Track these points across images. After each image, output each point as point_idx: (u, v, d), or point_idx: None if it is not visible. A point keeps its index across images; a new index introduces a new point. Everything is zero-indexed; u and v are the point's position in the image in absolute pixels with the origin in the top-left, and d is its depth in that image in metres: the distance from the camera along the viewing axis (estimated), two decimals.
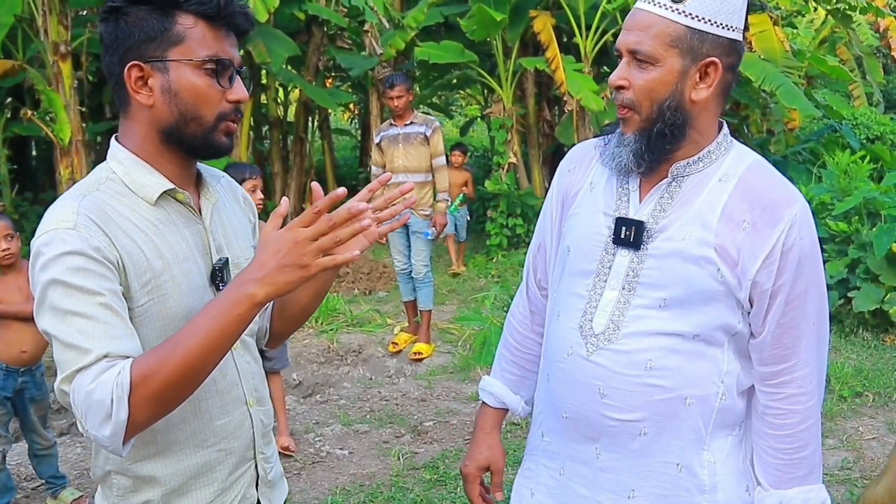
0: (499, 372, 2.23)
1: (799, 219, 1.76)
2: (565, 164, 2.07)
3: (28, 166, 11.73)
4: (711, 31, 1.75)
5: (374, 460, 4.83)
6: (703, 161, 1.83)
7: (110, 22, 1.60)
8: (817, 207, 7.99)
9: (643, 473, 1.89)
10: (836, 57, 12.63)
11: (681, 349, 1.81)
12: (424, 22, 10.46)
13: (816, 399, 1.85)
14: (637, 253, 1.83)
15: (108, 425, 1.43)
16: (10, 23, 8.80)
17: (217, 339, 1.47)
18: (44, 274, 1.50)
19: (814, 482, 1.88)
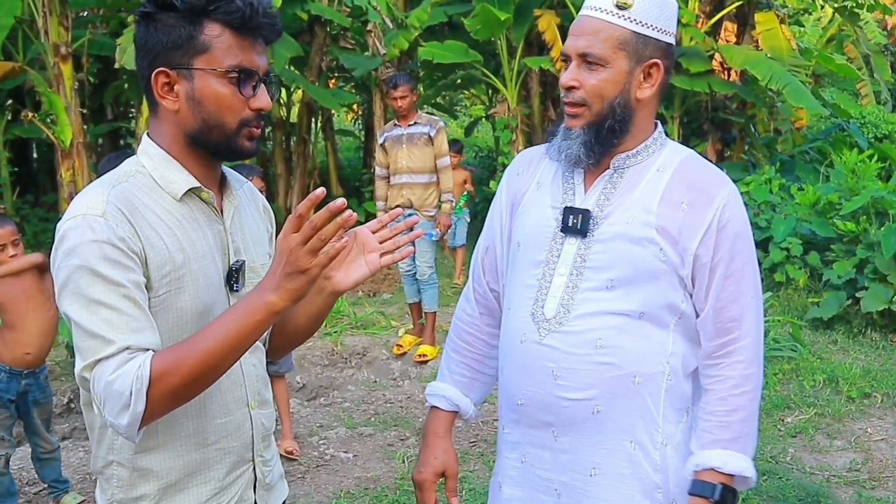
0: (448, 375, 2.28)
1: (731, 199, 1.95)
2: (513, 168, 2.22)
3: (29, 169, 11.71)
4: (653, 36, 1.93)
5: (379, 463, 4.79)
6: (641, 154, 2.00)
7: (142, 26, 1.67)
8: (825, 207, 7.94)
9: (601, 452, 1.99)
10: (844, 55, 12.56)
11: (628, 328, 1.94)
12: (428, 21, 10.42)
13: (755, 370, 1.97)
14: (584, 240, 1.98)
15: (125, 415, 1.50)
16: (11, 24, 8.79)
17: (235, 342, 1.56)
18: (71, 258, 1.55)
19: (737, 450, 1.94)
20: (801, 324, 6.83)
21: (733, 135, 11.40)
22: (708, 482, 1.94)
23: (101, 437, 1.70)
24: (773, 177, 8.96)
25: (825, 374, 5.88)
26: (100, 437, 1.71)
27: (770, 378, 5.83)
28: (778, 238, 7.83)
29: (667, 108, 10.57)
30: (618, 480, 2.00)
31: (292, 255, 1.52)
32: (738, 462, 1.93)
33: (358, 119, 18.21)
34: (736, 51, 9.97)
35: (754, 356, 1.97)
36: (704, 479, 1.94)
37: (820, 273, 7.53)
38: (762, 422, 5.20)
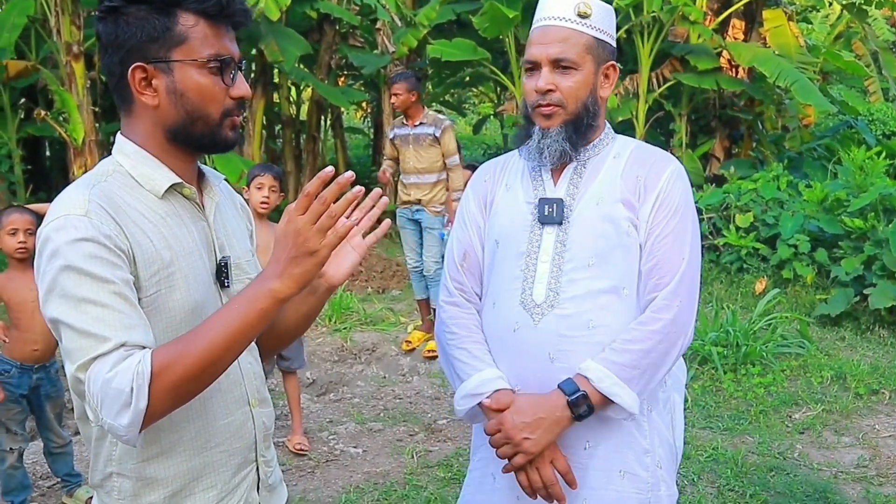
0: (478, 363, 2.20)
1: (677, 172, 2.17)
2: (479, 176, 2.38)
3: (42, 166, 11.77)
4: (607, 40, 2.18)
5: (388, 458, 4.83)
6: (597, 147, 2.22)
7: (109, 22, 1.59)
8: (833, 204, 7.94)
9: (594, 425, 2.11)
10: (852, 52, 12.53)
11: (614, 307, 2.11)
12: (437, 20, 10.44)
13: (669, 317, 2.07)
14: (560, 227, 2.16)
15: (126, 414, 1.43)
16: (24, 24, 8.86)
17: (239, 333, 1.50)
18: (55, 260, 1.48)
19: (620, 376, 2.04)
20: (808, 320, 6.84)
21: (741, 132, 11.40)
22: (575, 383, 2.05)
23: (98, 450, 1.65)
24: (781, 174, 8.96)
25: (833, 370, 5.89)
26: (97, 450, 1.65)
27: (778, 375, 5.85)
28: (786, 235, 7.84)
29: (674, 105, 10.58)
30: (611, 451, 2.14)
31: (300, 237, 1.48)
32: (614, 386, 2.03)
33: (367, 117, 18.24)
34: (744, 48, 9.97)
35: (672, 306, 2.08)
36: (575, 381, 2.05)
37: (828, 270, 7.53)
38: (769, 418, 5.22)
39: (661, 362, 2.09)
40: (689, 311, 2.12)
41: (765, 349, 6.09)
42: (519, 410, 2.07)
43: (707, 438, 4.96)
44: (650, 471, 2.17)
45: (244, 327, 1.50)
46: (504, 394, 2.12)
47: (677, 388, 2.38)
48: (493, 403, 2.11)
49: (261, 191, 4.63)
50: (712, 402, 5.51)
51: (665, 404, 2.27)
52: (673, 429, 2.29)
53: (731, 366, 5.94)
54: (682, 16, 9.55)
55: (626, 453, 2.15)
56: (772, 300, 6.90)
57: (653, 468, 2.17)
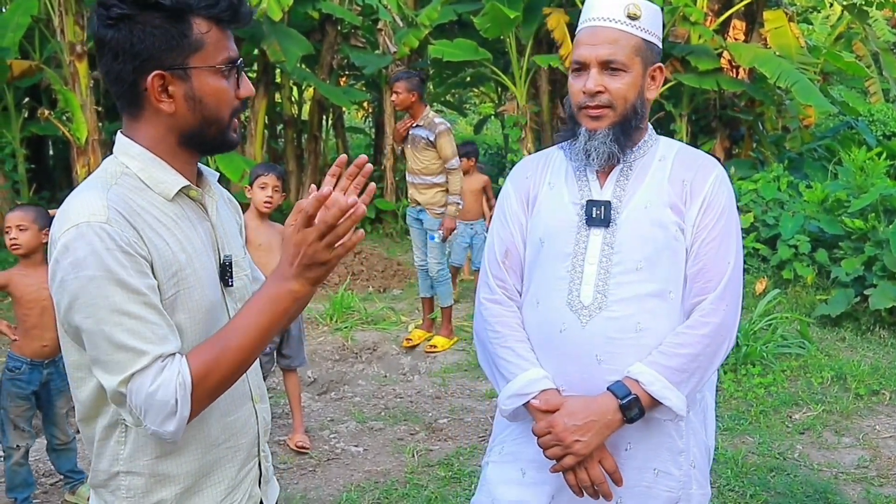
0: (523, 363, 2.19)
1: (721, 177, 2.18)
2: (520, 171, 2.36)
3: (45, 166, 11.79)
4: (655, 42, 2.16)
5: (389, 457, 4.84)
6: (643, 149, 2.22)
7: (121, 29, 1.57)
8: (833, 204, 7.95)
9: (638, 426, 2.11)
10: (852, 53, 12.53)
11: (661, 311, 2.11)
12: (438, 20, 10.46)
13: (717, 321, 2.09)
14: (608, 229, 2.15)
15: (171, 422, 1.50)
16: (27, 23, 8.88)
17: (266, 333, 1.57)
18: (80, 270, 1.48)
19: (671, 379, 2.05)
20: (809, 321, 6.86)
21: (741, 132, 11.41)
22: (626, 386, 2.06)
23: (102, 450, 1.66)
24: (782, 174, 8.98)
25: (833, 371, 5.90)
26: (100, 450, 1.66)
27: (778, 375, 5.86)
28: (786, 235, 7.85)
29: (675, 105, 10.59)
30: (650, 452, 2.17)
31: (310, 250, 1.53)
32: (664, 389, 2.05)
33: (368, 117, 18.24)
34: (744, 49, 9.99)
35: (719, 310, 2.10)
36: (625, 384, 2.07)
37: (828, 270, 7.54)
38: (770, 418, 5.24)
39: (708, 365, 2.11)
40: (734, 315, 2.14)
41: (765, 349, 6.10)
42: (570, 413, 2.07)
43: None
44: (683, 469, 2.19)
45: (270, 326, 1.57)
46: (552, 394, 2.13)
47: (710, 388, 2.39)
48: (542, 405, 2.11)
49: (264, 190, 4.66)
50: None
51: (700, 404, 2.28)
52: (706, 428, 2.31)
53: (731, 366, 5.96)
54: (683, 16, 9.57)
55: (661, 453, 2.18)
56: (772, 300, 6.91)
57: (686, 467, 2.20)
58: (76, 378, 1.64)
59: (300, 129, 11.94)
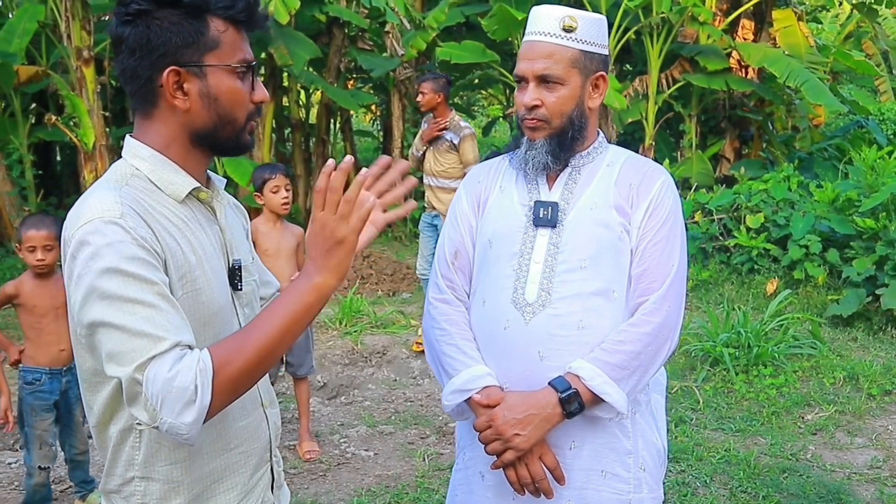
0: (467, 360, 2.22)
1: (668, 183, 2.24)
2: (472, 177, 2.42)
3: (52, 171, 11.81)
4: (596, 51, 2.20)
5: (399, 461, 4.83)
6: (592, 154, 2.28)
7: (139, 26, 1.59)
8: (843, 204, 7.91)
9: (580, 425, 2.14)
10: (862, 52, 12.50)
11: (604, 310, 2.15)
12: (445, 22, 10.45)
13: (659, 321, 2.13)
14: (554, 230, 2.20)
15: (190, 411, 1.44)
16: (34, 29, 8.90)
17: (290, 328, 1.54)
18: (94, 262, 1.48)
19: (611, 375, 2.08)
20: (820, 321, 6.82)
21: (751, 132, 11.37)
22: (567, 381, 2.08)
23: (116, 455, 1.65)
24: (792, 174, 8.93)
25: (845, 371, 5.86)
26: (115, 455, 1.65)
27: (790, 376, 5.83)
28: (797, 235, 7.82)
29: (684, 106, 10.57)
30: (595, 451, 2.18)
31: (326, 229, 1.53)
32: (605, 385, 2.07)
33: (376, 120, 18.27)
34: (753, 48, 9.95)
35: (662, 309, 2.14)
36: (566, 378, 2.09)
37: (839, 270, 7.50)
38: (782, 419, 5.20)
39: (649, 364, 2.14)
40: (676, 316, 2.18)
41: (776, 350, 6.07)
42: (510, 406, 2.10)
43: (719, 440, 4.95)
44: (632, 472, 2.20)
45: (294, 322, 1.54)
46: (493, 390, 2.16)
47: (658, 390, 2.43)
48: (483, 399, 2.14)
49: (278, 193, 4.65)
50: (724, 404, 5.49)
51: (647, 406, 2.30)
52: (657, 430, 2.33)
53: (742, 367, 5.92)
54: (692, 16, 9.53)
55: (608, 454, 2.19)
56: (783, 301, 6.87)
57: (635, 470, 2.21)
58: (91, 383, 1.63)
59: (308, 132, 11.96)
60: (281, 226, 4.73)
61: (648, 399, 2.32)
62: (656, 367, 2.17)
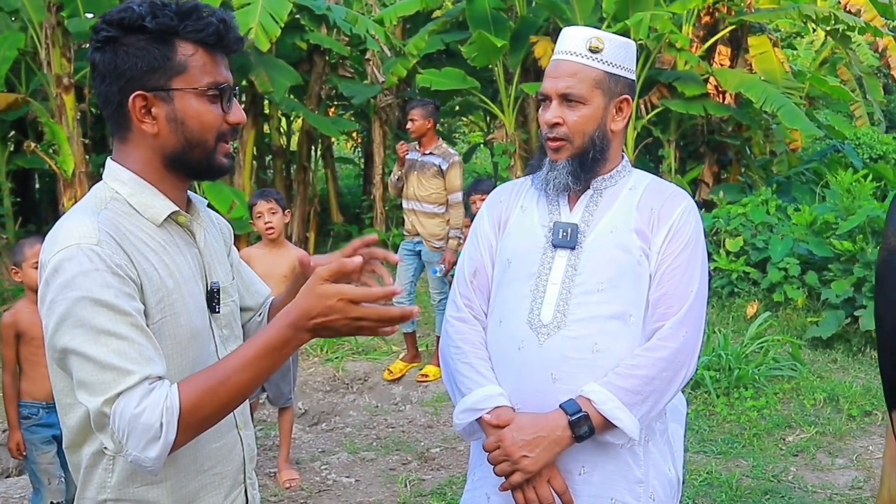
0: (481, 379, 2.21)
1: (690, 208, 2.22)
2: (495, 197, 2.42)
3: (31, 199, 11.74)
4: (622, 74, 2.20)
5: (381, 488, 4.80)
6: (614, 177, 2.27)
7: (107, 51, 1.61)
8: (821, 227, 7.97)
9: (591, 450, 2.11)
10: (837, 77, 12.66)
11: (621, 334, 2.12)
12: (426, 49, 10.51)
13: (675, 346, 2.10)
14: (573, 251, 2.19)
15: (154, 447, 1.46)
16: (14, 56, 8.86)
17: (265, 373, 1.57)
18: (69, 291, 1.49)
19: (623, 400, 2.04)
20: (800, 343, 6.85)
21: (729, 157, 11.47)
22: (577, 404, 2.06)
23: (88, 478, 1.65)
24: (770, 198, 9.01)
25: (825, 392, 5.89)
26: (87, 477, 1.65)
27: (770, 398, 5.85)
28: (776, 258, 7.87)
29: (663, 131, 10.65)
30: (605, 478, 2.14)
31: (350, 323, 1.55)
32: (616, 409, 2.04)
33: (357, 147, 18.30)
34: (730, 74, 10.06)
35: (678, 335, 2.11)
36: (577, 402, 2.06)
37: (818, 292, 7.55)
38: (763, 441, 5.21)
39: (664, 390, 2.10)
40: (694, 343, 2.14)
41: (757, 372, 6.09)
42: (519, 427, 2.07)
43: (701, 462, 4.95)
44: (641, 501, 2.16)
45: (270, 368, 1.56)
46: (504, 410, 2.13)
47: (677, 419, 2.40)
48: (493, 419, 2.12)
49: (260, 219, 4.71)
50: (706, 426, 5.50)
51: (662, 435, 2.27)
52: (672, 461, 2.29)
53: (723, 389, 5.94)
54: (669, 43, 9.64)
55: (618, 482, 2.15)
56: (763, 323, 6.91)
57: (645, 499, 2.17)
58: (64, 405, 1.63)
59: (289, 159, 11.95)
60: (276, 249, 4.75)
61: (665, 428, 2.29)
62: (671, 394, 2.14)
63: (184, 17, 1.61)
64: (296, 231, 10.76)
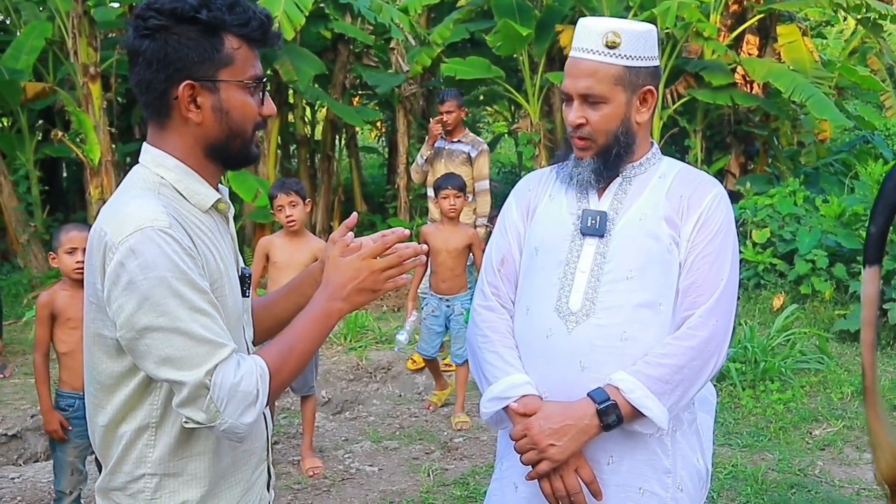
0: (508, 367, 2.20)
1: (720, 195, 2.20)
2: (524, 184, 2.41)
3: (59, 187, 11.83)
4: (642, 65, 2.15)
5: (404, 477, 4.80)
6: (644, 165, 2.24)
7: (157, 40, 1.65)
8: (850, 219, 7.88)
9: (619, 439, 2.10)
10: (867, 67, 12.46)
11: (650, 322, 2.10)
12: (450, 38, 10.47)
13: (705, 335, 2.08)
14: (601, 239, 2.17)
15: (251, 412, 1.59)
16: (42, 46, 8.95)
17: (319, 343, 1.76)
18: (151, 271, 1.54)
19: (652, 389, 2.03)
20: (827, 336, 6.79)
21: (756, 147, 11.36)
22: (606, 392, 2.04)
23: (126, 453, 1.69)
24: (798, 189, 8.92)
25: (853, 386, 5.83)
26: (125, 454, 1.69)
27: (797, 391, 5.80)
28: (803, 250, 7.79)
29: (689, 121, 10.56)
30: (634, 467, 2.13)
31: (373, 276, 1.75)
32: (645, 398, 2.02)
33: (381, 136, 18.29)
34: (758, 63, 9.95)
35: (709, 324, 2.09)
36: (605, 390, 2.05)
37: (846, 285, 7.47)
38: (789, 434, 5.17)
39: (693, 379, 2.08)
40: (724, 331, 2.12)
41: (784, 365, 6.04)
42: (546, 416, 2.06)
43: (727, 455, 4.91)
44: (670, 492, 2.15)
45: (322, 337, 1.75)
46: (532, 399, 2.12)
47: (706, 409, 2.37)
48: (520, 408, 2.11)
49: (281, 212, 4.71)
50: (731, 419, 5.46)
51: (691, 425, 2.24)
52: (701, 452, 2.27)
53: (749, 382, 5.89)
54: (696, 32, 9.53)
55: (646, 471, 2.14)
56: (790, 316, 6.84)
57: (673, 489, 2.15)
58: (106, 385, 1.68)
59: (313, 148, 11.95)
60: (297, 239, 4.77)
61: (694, 418, 2.27)
62: (701, 384, 2.11)
63: (231, 11, 1.67)
64: (320, 220, 10.78)
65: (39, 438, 5.47)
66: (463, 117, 6.51)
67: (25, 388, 6.09)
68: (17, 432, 5.49)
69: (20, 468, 5.01)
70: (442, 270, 5.46)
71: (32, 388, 6.02)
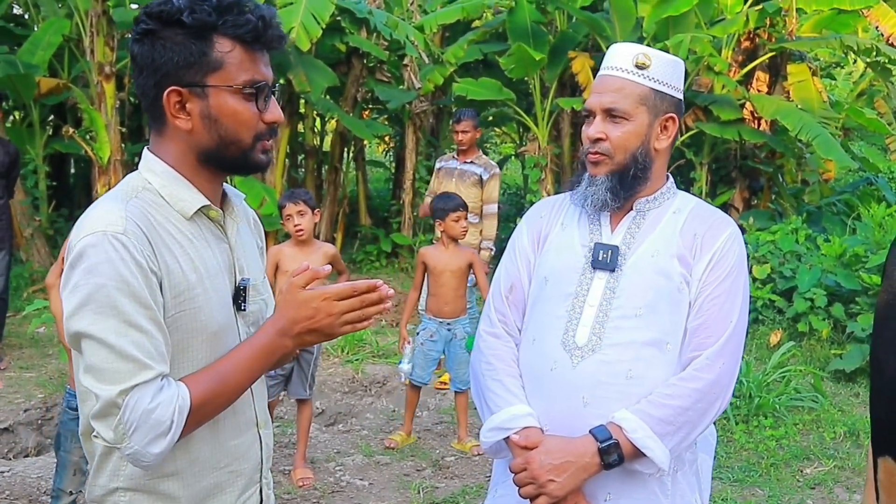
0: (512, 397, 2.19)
1: (735, 235, 2.18)
2: (535, 211, 2.39)
3: (66, 183, 11.88)
4: (668, 92, 2.16)
5: (394, 493, 4.80)
6: (658, 199, 2.22)
7: (145, 44, 1.61)
8: (850, 259, 7.91)
9: (618, 478, 2.07)
10: (874, 110, 12.53)
11: (656, 361, 2.08)
12: (464, 58, 10.53)
13: (712, 378, 2.06)
14: (612, 274, 2.14)
15: (160, 443, 1.50)
16: (58, 42, 9.00)
17: (254, 377, 1.67)
18: (94, 276, 1.50)
19: (656, 430, 2.01)
20: (823, 375, 6.80)
21: (761, 183, 11.40)
22: (608, 430, 2.03)
23: (101, 465, 1.65)
24: (800, 227, 8.95)
25: (846, 426, 5.83)
26: (100, 465, 1.65)
27: (790, 428, 5.80)
28: (802, 288, 7.81)
29: (696, 154, 10.60)
30: None
31: (331, 319, 1.62)
32: (647, 439, 2.00)
33: (389, 151, 18.34)
34: (767, 100, 10.00)
35: (715, 366, 2.07)
36: (608, 428, 2.03)
37: (844, 325, 7.49)
38: (780, 471, 5.17)
39: (697, 421, 2.06)
40: (730, 374, 2.11)
41: (778, 402, 6.05)
42: (547, 451, 2.05)
43: (717, 489, 4.92)
44: None
45: (259, 372, 1.67)
46: (533, 432, 2.11)
47: (706, 450, 2.36)
48: (521, 440, 2.09)
49: (290, 221, 4.74)
50: (723, 453, 5.46)
51: (692, 466, 2.23)
52: (700, 492, 2.26)
53: (743, 417, 5.90)
54: (707, 66, 9.60)
55: None
56: (786, 353, 6.86)
57: None
58: (82, 393, 1.63)
59: (321, 159, 12.00)
60: (306, 248, 4.80)
61: (694, 458, 2.25)
62: (704, 426, 2.10)
63: (223, 12, 1.59)
64: (324, 231, 10.80)
65: (31, 433, 5.49)
66: (478, 138, 6.51)
67: (20, 382, 6.11)
68: (9, 426, 5.50)
69: (10, 462, 5.01)
70: (445, 292, 5.45)
71: (27, 381, 6.08)
